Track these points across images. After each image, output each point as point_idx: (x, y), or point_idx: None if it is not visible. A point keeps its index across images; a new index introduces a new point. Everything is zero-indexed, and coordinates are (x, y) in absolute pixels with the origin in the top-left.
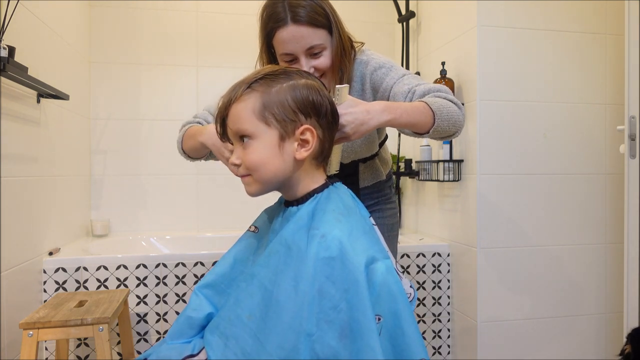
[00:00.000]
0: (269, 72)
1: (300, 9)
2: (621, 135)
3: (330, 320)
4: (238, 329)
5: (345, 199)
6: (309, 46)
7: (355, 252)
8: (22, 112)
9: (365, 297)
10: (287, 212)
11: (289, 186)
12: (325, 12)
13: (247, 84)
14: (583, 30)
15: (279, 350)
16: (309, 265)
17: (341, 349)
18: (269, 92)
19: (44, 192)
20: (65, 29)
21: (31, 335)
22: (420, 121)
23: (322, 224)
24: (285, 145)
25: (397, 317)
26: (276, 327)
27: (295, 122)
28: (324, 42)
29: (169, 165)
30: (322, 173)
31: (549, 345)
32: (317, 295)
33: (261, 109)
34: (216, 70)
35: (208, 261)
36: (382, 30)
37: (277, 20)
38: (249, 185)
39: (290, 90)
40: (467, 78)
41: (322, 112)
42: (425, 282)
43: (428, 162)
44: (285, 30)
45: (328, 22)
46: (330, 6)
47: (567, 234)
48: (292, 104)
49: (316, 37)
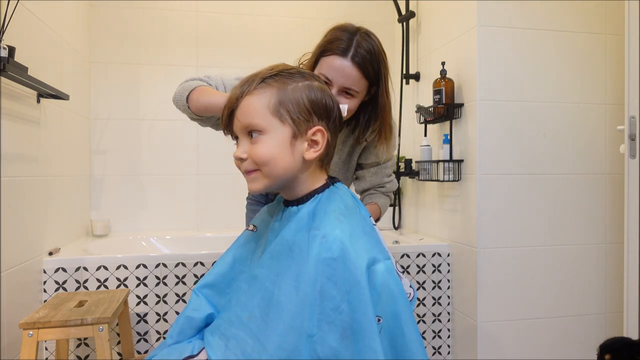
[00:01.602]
0: (283, 69)
1: (362, 52)
2: (621, 135)
3: (332, 321)
4: (239, 330)
5: (346, 199)
6: (348, 87)
7: (356, 253)
8: (22, 112)
9: (366, 299)
10: (288, 212)
11: (292, 186)
12: (379, 69)
13: (262, 78)
14: (583, 30)
15: (280, 351)
16: (310, 265)
17: (342, 349)
18: (285, 89)
19: (44, 192)
20: (65, 29)
21: (31, 335)
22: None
23: (323, 224)
24: (297, 144)
25: (397, 319)
26: (277, 328)
27: (309, 122)
28: (360, 91)
29: (169, 165)
30: (324, 175)
31: (549, 345)
32: (318, 296)
33: (276, 105)
34: (216, 70)
35: (208, 261)
36: (382, 30)
37: (339, 47)
38: (255, 181)
39: (306, 90)
40: (467, 78)
41: (332, 116)
42: (425, 282)
43: (428, 162)
44: (339, 60)
45: (377, 79)
46: (386, 66)
47: (567, 234)
48: (308, 104)
49: (359, 84)
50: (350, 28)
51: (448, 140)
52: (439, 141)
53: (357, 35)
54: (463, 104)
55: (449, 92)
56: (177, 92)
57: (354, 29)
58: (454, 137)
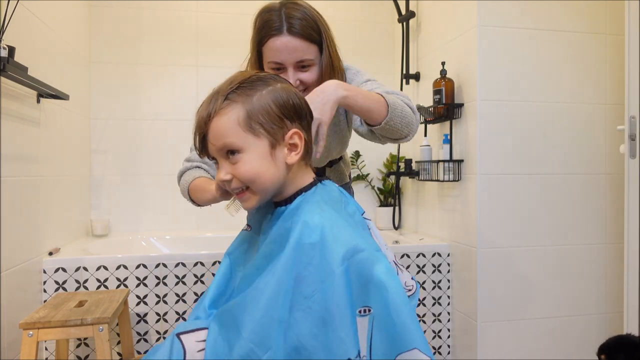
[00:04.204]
0: (242, 80)
1: (296, 21)
2: (621, 135)
3: (304, 309)
4: (227, 318)
5: (332, 194)
6: (300, 59)
7: (335, 241)
8: (22, 112)
9: (340, 290)
10: (276, 212)
11: (281, 189)
12: (319, 29)
13: (224, 95)
14: (583, 30)
15: (253, 336)
16: (288, 251)
17: (311, 339)
18: (250, 101)
19: (44, 192)
20: (65, 29)
21: (31, 335)
22: (374, 109)
23: (304, 211)
24: (277, 152)
25: (387, 307)
26: (253, 313)
27: (283, 128)
28: (314, 58)
29: (169, 165)
30: (310, 172)
31: (549, 345)
32: (293, 283)
33: (246, 120)
34: (216, 70)
35: (208, 261)
36: (382, 30)
37: (272, 28)
38: (247, 201)
39: (271, 96)
40: (467, 78)
41: (302, 114)
42: (425, 282)
43: (428, 162)
44: (279, 39)
45: (320, 39)
46: (325, 24)
47: (567, 234)
48: (277, 110)
49: (308, 52)
50: (274, 6)
51: (448, 140)
52: (439, 141)
53: (284, 8)
54: (463, 104)
55: (449, 92)
56: (180, 189)
57: (277, 5)
58: (454, 137)
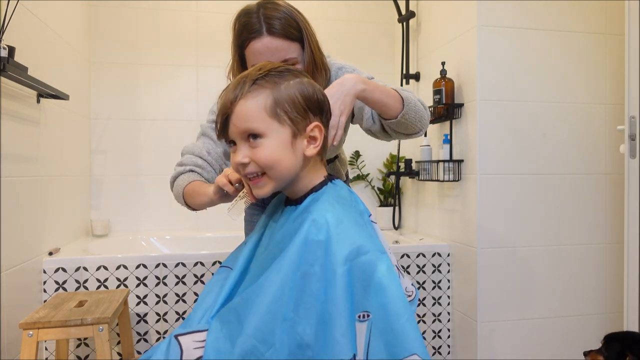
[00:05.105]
0: (272, 68)
1: (275, 21)
2: (621, 135)
3: (308, 308)
4: (230, 315)
5: (342, 193)
6: (283, 59)
7: (341, 240)
8: (22, 112)
9: (340, 290)
10: (287, 211)
11: (294, 183)
12: (299, 25)
13: (253, 80)
14: (583, 30)
15: (256, 332)
16: (294, 248)
17: (311, 338)
18: (278, 89)
19: (44, 192)
20: (65, 29)
21: (31, 335)
22: (389, 103)
23: (314, 209)
24: (297, 142)
25: (385, 312)
26: (258, 310)
27: (306, 119)
28: (297, 56)
29: (169, 165)
30: (322, 169)
31: (549, 345)
32: (299, 280)
33: (273, 106)
34: (216, 70)
35: (208, 261)
36: (382, 30)
37: (251, 31)
38: (262, 187)
39: (299, 87)
40: (467, 78)
41: (324, 110)
42: (425, 282)
43: (428, 162)
44: (260, 41)
45: (301, 35)
46: (304, 20)
47: (567, 234)
48: (302, 102)
49: (290, 51)
50: (251, 8)
51: (448, 140)
52: (439, 141)
53: (262, 9)
54: (463, 104)
55: (449, 92)
56: (174, 193)
57: (254, 7)
58: (454, 137)
